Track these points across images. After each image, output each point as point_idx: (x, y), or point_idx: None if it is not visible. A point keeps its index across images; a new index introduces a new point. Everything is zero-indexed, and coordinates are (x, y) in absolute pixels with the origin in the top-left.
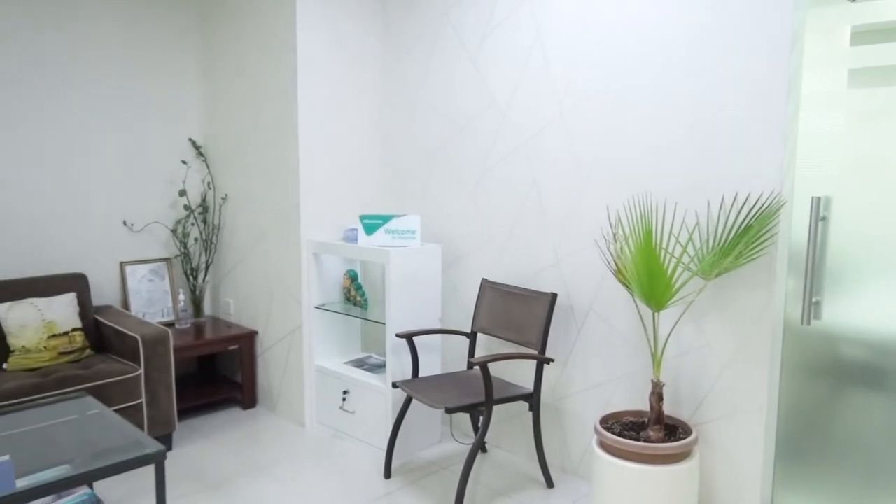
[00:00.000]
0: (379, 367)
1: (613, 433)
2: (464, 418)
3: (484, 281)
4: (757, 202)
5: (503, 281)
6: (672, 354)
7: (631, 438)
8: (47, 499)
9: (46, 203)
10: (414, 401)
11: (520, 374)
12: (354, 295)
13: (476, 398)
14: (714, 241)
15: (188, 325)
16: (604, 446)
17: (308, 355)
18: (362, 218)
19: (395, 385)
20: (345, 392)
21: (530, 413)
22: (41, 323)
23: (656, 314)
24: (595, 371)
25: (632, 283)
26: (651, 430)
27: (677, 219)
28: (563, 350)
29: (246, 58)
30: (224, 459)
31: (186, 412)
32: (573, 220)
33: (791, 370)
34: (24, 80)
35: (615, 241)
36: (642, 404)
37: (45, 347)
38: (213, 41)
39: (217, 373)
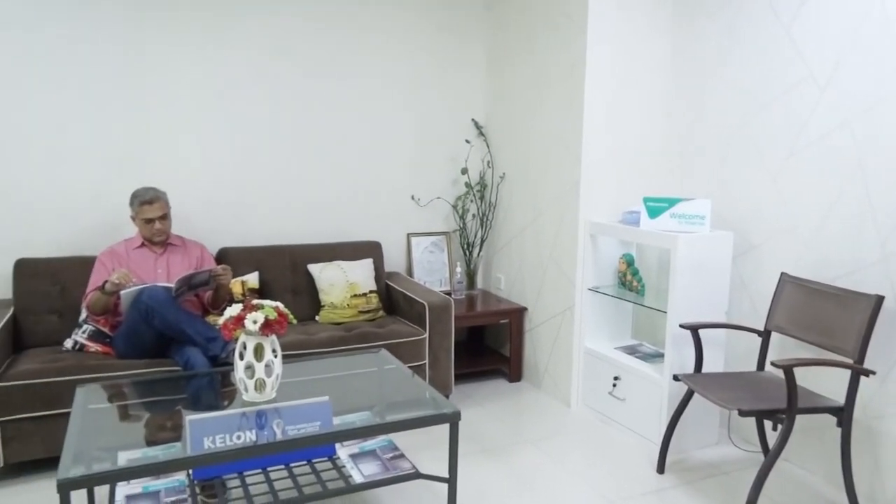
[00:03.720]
0: (652, 357)
1: None
2: (745, 423)
3: (784, 275)
4: None
5: (807, 276)
6: None
7: None
8: (354, 440)
9: (350, 179)
10: (693, 397)
11: (823, 382)
12: (631, 280)
13: (773, 403)
14: None
15: (462, 296)
16: None
17: (578, 336)
18: (646, 200)
19: (676, 378)
20: (615, 378)
21: (837, 429)
22: (345, 283)
23: None
24: None
25: None
26: None
27: None
28: (884, 362)
29: (533, 37)
30: (495, 427)
31: (457, 377)
32: None
33: None
34: (330, 69)
35: None
36: None
37: (347, 305)
38: (500, 22)
39: (484, 344)
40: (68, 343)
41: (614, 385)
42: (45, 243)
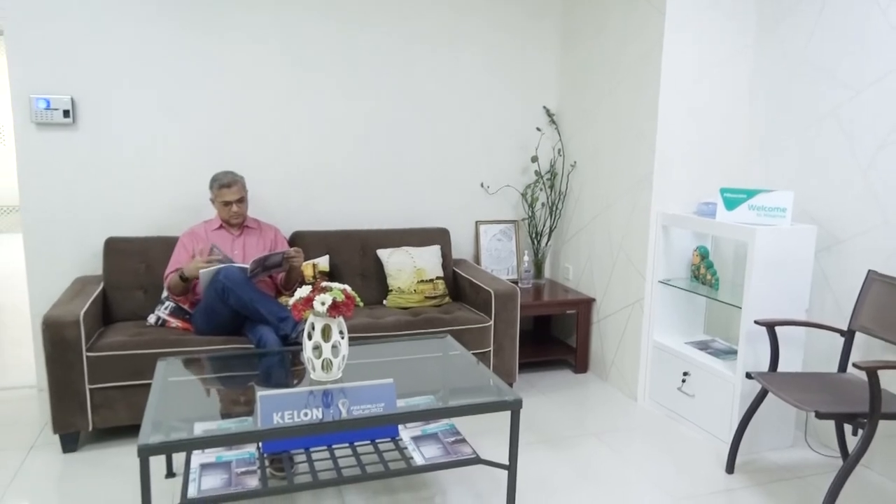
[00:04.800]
0: (724, 353)
1: None
2: (822, 426)
3: (872, 273)
4: None
5: None
6: None
7: None
8: (417, 423)
9: (420, 166)
10: (767, 397)
11: None
12: (704, 273)
13: (854, 407)
14: None
15: (529, 286)
16: None
17: (647, 330)
18: (723, 191)
19: (749, 376)
20: (685, 373)
21: None
22: (413, 269)
23: None
24: None
25: None
26: None
27: None
28: None
29: (608, 23)
30: (558, 417)
31: (522, 366)
32: None
33: None
34: (402, 58)
35: None
36: None
37: (414, 290)
38: (574, 9)
39: (550, 334)
40: (151, 318)
41: (683, 381)
42: (133, 223)
